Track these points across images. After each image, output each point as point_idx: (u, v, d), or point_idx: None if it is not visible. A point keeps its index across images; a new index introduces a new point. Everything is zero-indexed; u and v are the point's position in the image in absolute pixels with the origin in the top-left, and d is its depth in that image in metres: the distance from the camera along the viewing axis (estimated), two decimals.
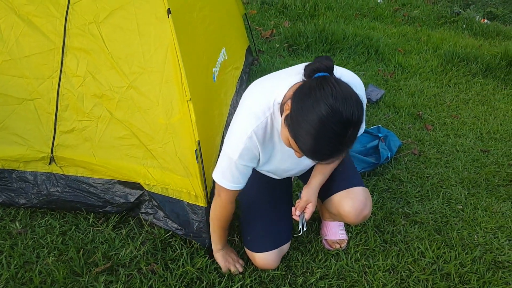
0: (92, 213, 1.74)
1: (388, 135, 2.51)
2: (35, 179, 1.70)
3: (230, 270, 1.57)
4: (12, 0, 1.63)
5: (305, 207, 1.46)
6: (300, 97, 1.07)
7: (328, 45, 3.58)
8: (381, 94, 3.03)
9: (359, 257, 1.72)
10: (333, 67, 1.11)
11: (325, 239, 1.76)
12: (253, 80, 1.38)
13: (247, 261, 1.62)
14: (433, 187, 2.21)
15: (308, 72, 1.11)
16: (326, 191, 1.53)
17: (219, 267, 1.58)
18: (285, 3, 4.32)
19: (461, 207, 2.08)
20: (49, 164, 1.70)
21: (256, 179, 1.62)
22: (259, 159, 1.36)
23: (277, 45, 3.59)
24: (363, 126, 1.30)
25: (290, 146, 1.17)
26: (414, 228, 1.90)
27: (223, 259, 1.57)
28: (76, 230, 1.68)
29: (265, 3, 4.39)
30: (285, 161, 1.43)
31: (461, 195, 2.15)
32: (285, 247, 1.61)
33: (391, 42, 3.93)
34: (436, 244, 1.81)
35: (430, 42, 4.10)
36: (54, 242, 1.61)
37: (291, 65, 3.14)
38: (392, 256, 1.73)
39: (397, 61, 3.59)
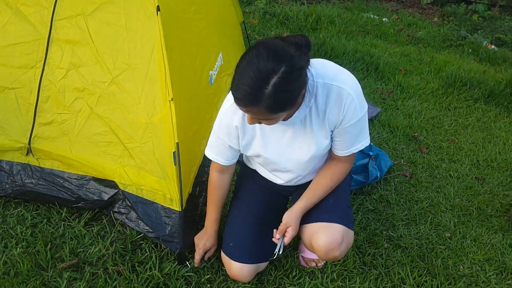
0: (65, 208, 1.70)
1: (380, 154, 2.46)
2: (11, 169, 1.67)
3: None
4: None
5: (286, 230, 1.41)
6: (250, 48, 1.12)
7: (327, 59, 3.55)
8: (377, 112, 2.99)
9: (336, 277, 1.66)
10: (310, 44, 1.11)
11: (302, 256, 1.71)
12: None
13: (219, 269, 1.57)
14: (421, 211, 2.15)
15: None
16: (306, 217, 1.47)
17: (188, 274, 1.53)
18: (287, 15, 4.32)
19: (449, 234, 2.02)
20: (26, 155, 1.67)
21: (255, 190, 1.61)
22: (237, 138, 1.38)
23: None
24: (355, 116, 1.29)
25: (251, 121, 1.20)
26: (397, 253, 1.84)
27: (199, 237, 1.60)
28: (47, 223, 1.64)
29: (267, 14, 4.39)
30: (268, 148, 1.40)
31: (450, 223, 2.09)
32: (263, 265, 1.57)
33: (393, 61, 3.91)
34: (418, 271, 1.75)
35: (433, 63, 4.07)
36: (24, 234, 1.58)
37: None
38: (371, 280, 1.67)
39: (396, 80, 3.56)
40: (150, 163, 1.59)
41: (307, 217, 1.46)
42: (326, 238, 1.37)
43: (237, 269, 1.51)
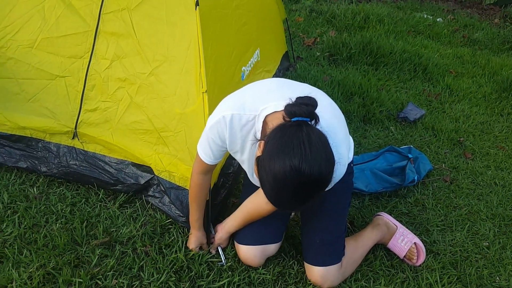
0: (103, 190, 1.82)
1: (419, 157, 2.38)
2: (58, 150, 1.82)
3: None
4: None
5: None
6: (272, 144, 1.09)
7: (372, 58, 3.47)
8: (421, 114, 2.88)
9: (360, 277, 1.64)
10: (313, 114, 1.11)
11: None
12: None
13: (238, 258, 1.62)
14: (459, 218, 2.05)
15: (288, 112, 1.11)
16: (303, 252, 1.61)
17: (211, 260, 1.59)
18: (334, 13, 4.27)
19: (487, 244, 1.91)
20: (72, 138, 1.81)
21: None
22: (225, 145, 1.38)
23: (318, 54, 3.55)
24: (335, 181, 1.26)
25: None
26: (428, 258, 1.77)
27: (190, 242, 1.62)
28: (85, 203, 1.77)
29: (313, 11, 4.36)
30: (251, 176, 1.53)
31: (489, 232, 1.98)
32: (271, 247, 1.59)
33: (443, 62, 3.73)
34: (449, 278, 1.68)
35: (488, 67, 3.83)
36: (63, 211, 1.71)
37: (329, 74, 3.13)
38: (397, 283, 1.63)
39: (446, 82, 3.40)
40: (182, 151, 1.67)
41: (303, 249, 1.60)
42: (311, 278, 1.57)
43: (244, 251, 1.56)
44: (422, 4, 5.64)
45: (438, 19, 4.88)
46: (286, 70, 3.04)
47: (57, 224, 1.65)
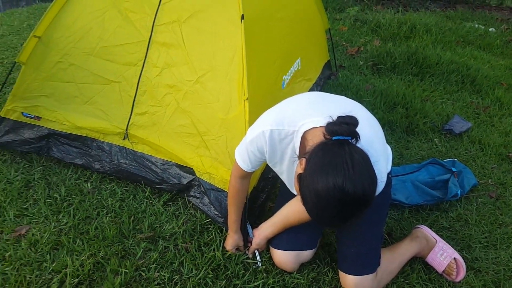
0: (149, 188, 1.95)
1: (464, 171, 2.31)
2: (110, 149, 1.97)
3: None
4: None
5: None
6: (314, 163, 1.11)
7: (417, 68, 3.41)
8: (467, 127, 2.80)
9: None
10: (354, 133, 1.12)
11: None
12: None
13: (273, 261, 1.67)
14: (504, 236, 1.97)
15: (329, 131, 1.13)
16: (338, 260, 1.62)
17: (246, 260, 1.65)
18: (379, 22, 4.24)
19: None
20: (123, 139, 1.95)
21: None
22: (265, 157, 1.44)
23: (361, 63, 3.54)
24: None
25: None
26: (469, 275, 1.73)
27: (227, 243, 1.69)
28: (133, 199, 1.90)
29: (358, 21, 4.35)
30: (290, 187, 1.58)
31: None
32: (306, 253, 1.62)
33: (494, 74, 3.59)
34: None
35: None
36: (113, 206, 1.85)
37: (371, 83, 3.12)
38: None
39: (495, 95, 3.27)
40: (222, 155, 1.75)
41: (338, 260, 1.62)
42: (345, 286, 1.57)
43: (279, 256, 1.60)
44: (473, 13, 5.45)
45: (490, 29, 4.70)
46: (327, 78, 3.07)
47: (107, 218, 1.78)
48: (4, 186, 1.91)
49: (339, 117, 1.16)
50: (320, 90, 2.81)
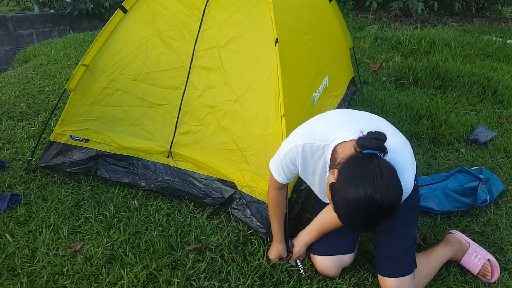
0: (193, 203, 2.06)
1: (491, 178, 2.36)
2: (155, 168, 2.10)
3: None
4: (158, 27, 2.08)
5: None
6: (345, 173, 1.22)
7: (439, 82, 3.49)
8: (492, 136, 2.85)
9: None
10: (383, 147, 1.23)
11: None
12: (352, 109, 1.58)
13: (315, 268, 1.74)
14: None
15: (359, 145, 1.24)
16: (376, 265, 1.67)
17: (290, 268, 1.73)
18: (399, 39, 4.36)
19: None
20: (167, 157, 2.08)
21: None
22: (297, 170, 1.56)
23: (384, 78, 3.65)
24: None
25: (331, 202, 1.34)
26: (503, 275, 1.77)
27: (271, 253, 1.77)
28: (178, 213, 2.01)
29: (378, 38, 4.48)
30: (322, 197, 1.68)
31: None
32: (346, 258, 1.68)
33: None
34: None
35: None
36: (160, 220, 1.96)
37: (396, 98, 3.21)
38: None
39: None
40: (262, 169, 1.86)
41: (376, 262, 1.67)
42: None
43: (320, 262, 1.68)
44: (490, 27, 5.53)
45: (508, 41, 4.76)
46: (353, 94, 3.18)
47: (155, 232, 1.89)
48: (56, 205, 2.05)
49: (369, 133, 1.28)
50: (347, 106, 2.91)
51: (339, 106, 2.73)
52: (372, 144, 1.23)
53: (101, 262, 1.74)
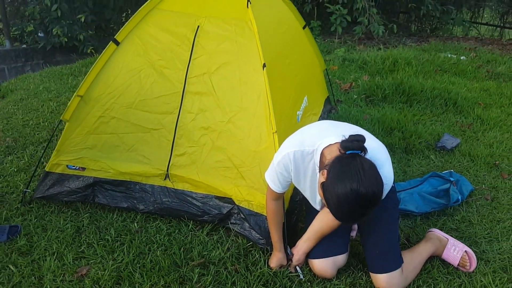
0: (192, 221, 2.15)
1: (460, 179, 2.60)
2: (153, 190, 2.18)
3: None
4: (151, 57, 2.22)
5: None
6: (333, 172, 1.42)
7: (405, 97, 3.79)
8: (457, 143, 3.13)
9: (421, 283, 1.85)
10: (363, 147, 1.44)
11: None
12: None
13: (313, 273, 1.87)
14: (503, 230, 2.23)
15: (343, 147, 1.45)
16: (368, 264, 1.83)
17: (291, 274, 1.85)
18: (365, 60, 4.68)
19: None
20: (164, 179, 2.18)
21: None
22: (291, 177, 1.73)
23: (355, 96, 3.92)
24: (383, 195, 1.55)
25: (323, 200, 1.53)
26: (480, 265, 1.97)
27: (272, 261, 1.88)
28: (178, 232, 2.10)
29: (346, 60, 4.80)
30: (313, 202, 1.83)
31: None
32: (341, 258, 1.82)
33: (471, 96, 4.00)
34: (500, 280, 1.86)
35: None
36: (162, 240, 2.04)
37: (366, 114, 3.46)
38: (454, 286, 1.83)
39: (476, 113, 3.64)
40: (258, 183, 1.99)
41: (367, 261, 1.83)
42: (378, 285, 1.77)
43: (317, 265, 1.81)
44: (445, 45, 6.02)
45: (461, 57, 5.21)
46: (329, 112, 3.40)
47: (159, 251, 1.97)
48: (57, 234, 2.08)
49: (350, 136, 1.50)
50: None
51: None
52: (354, 145, 1.44)
53: (110, 284, 1.79)
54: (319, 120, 2.96)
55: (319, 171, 1.60)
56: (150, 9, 2.25)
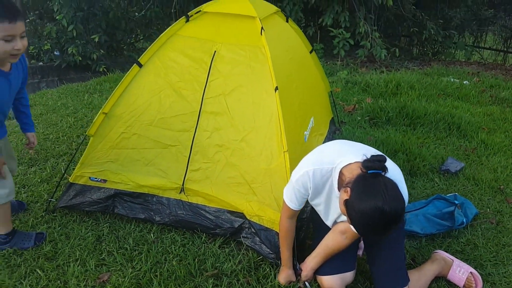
0: (205, 234, 2.26)
1: (465, 202, 2.68)
2: (169, 203, 2.31)
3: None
4: (171, 79, 2.37)
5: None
6: (357, 191, 1.50)
7: (408, 120, 3.92)
8: (461, 166, 3.22)
9: None
10: (385, 167, 1.51)
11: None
12: None
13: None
14: (509, 254, 2.30)
15: (365, 166, 1.52)
16: (375, 282, 1.90)
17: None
18: (368, 82, 4.84)
19: None
20: (179, 193, 2.30)
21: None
22: (308, 194, 1.79)
23: (359, 118, 4.05)
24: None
25: (346, 216, 1.58)
26: (485, 287, 2.04)
27: (282, 277, 1.96)
28: (192, 244, 2.21)
29: (349, 82, 4.96)
30: (325, 218, 1.89)
31: None
32: (349, 275, 1.90)
33: (475, 120, 4.12)
34: None
35: None
36: (177, 251, 2.15)
37: (371, 135, 3.59)
38: None
39: (480, 138, 3.74)
40: (268, 199, 2.11)
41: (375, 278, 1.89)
42: None
43: (326, 281, 1.88)
44: (447, 69, 6.18)
45: (464, 82, 5.35)
46: (333, 133, 3.53)
47: (174, 261, 2.08)
48: (79, 242, 2.20)
49: (372, 156, 1.58)
50: None
51: (325, 142, 3.05)
52: (376, 165, 1.52)
53: None
54: (325, 140, 3.09)
55: (339, 189, 1.69)
56: (171, 35, 2.42)
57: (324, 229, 1.95)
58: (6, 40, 1.68)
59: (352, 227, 1.57)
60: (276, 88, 2.18)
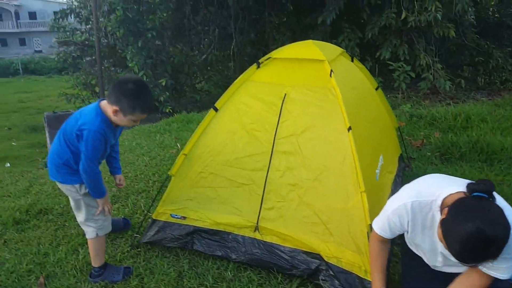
0: (281, 274, 2.28)
1: None
2: (244, 241, 2.37)
3: None
4: (243, 121, 2.51)
5: None
6: (456, 210, 1.38)
7: (483, 155, 3.73)
8: None
9: None
10: (492, 191, 1.39)
11: None
12: (406, 183, 1.78)
13: None
14: None
15: (469, 189, 1.43)
16: None
17: None
18: (434, 116, 4.69)
19: None
20: (254, 231, 2.37)
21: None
22: (405, 229, 1.68)
23: (429, 154, 3.92)
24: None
25: (441, 240, 1.47)
26: None
27: None
28: (269, 284, 2.24)
29: (413, 116, 4.84)
30: (433, 260, 1.74)
31: None
32: None
33: None
34: None
35: None
36: None
37: (444, 173, 3.44)
38: None
39: None
40: (346, 240, 2.10)
41: None
42: None
43: None
44: None
45: None
46: (403, 170, 3.45)
47: None
48: (162, 277, 2.32)
49: (479, 180, 1.47)
50: (401, 181, 3.17)
51: (394, 181, 2.99)
52: (480, 187, 1.40)
53: None
54: (395, 178, 3.03)
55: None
56: (244, 81, 2.59)
57: (418, 270, 1.80)
58: (134, 121, 2.11)
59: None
60: (349, 128, 2.22)
